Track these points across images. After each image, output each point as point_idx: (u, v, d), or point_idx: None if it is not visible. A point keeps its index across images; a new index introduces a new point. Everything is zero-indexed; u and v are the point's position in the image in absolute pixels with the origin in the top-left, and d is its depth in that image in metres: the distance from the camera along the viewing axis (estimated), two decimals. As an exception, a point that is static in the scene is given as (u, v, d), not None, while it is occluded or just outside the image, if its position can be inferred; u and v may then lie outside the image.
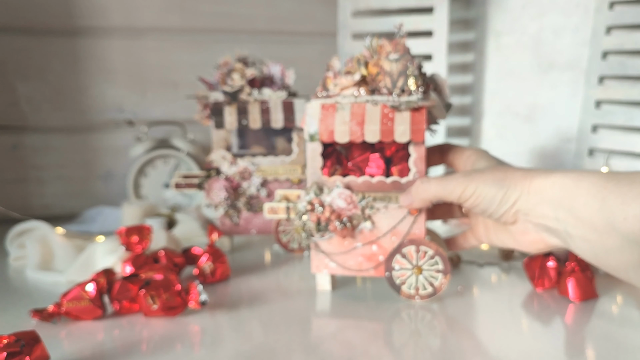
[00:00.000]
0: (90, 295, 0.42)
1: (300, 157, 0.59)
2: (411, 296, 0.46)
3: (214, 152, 0.58)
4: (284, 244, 0.59)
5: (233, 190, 0.58)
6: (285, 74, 0.60)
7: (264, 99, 0.57)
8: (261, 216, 0.59)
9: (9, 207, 0.68)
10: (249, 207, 0.59)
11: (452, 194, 0.41)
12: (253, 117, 0.56)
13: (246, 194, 0.58)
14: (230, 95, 0.56)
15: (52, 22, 0.78)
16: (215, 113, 0.57)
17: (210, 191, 0.59)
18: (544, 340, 0.38)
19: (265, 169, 0.58)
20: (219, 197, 0.58)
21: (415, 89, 0.43)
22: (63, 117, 0.80)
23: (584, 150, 0.72)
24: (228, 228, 0.60)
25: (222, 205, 0.59)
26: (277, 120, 0.57)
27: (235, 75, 0.56)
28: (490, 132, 0.80)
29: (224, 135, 0.58)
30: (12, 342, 0.33)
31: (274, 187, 0.59)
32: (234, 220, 0.59)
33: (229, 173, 0.58)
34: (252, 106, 0.57)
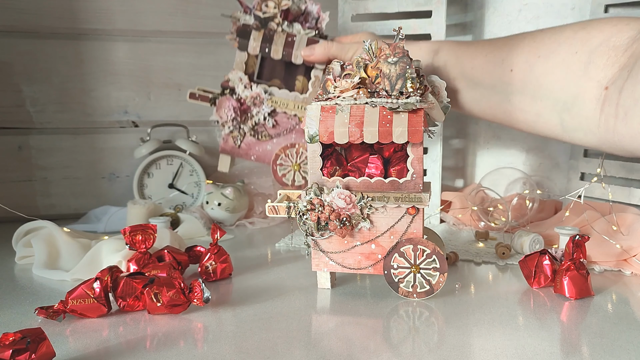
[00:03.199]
0: (95, 293, 0.43)
1: (312, 96, 0.62)
2: (409, 294, 0.47)
3: (232, 71, 0.62)
4: (279, 177, 0.65)
5: (242, 112, 0.61)
6: (321, 14, 0.63)
7: (292, 33, 0.60)
8: (263, 145, 0.63)
9: (15, 207, 0.69)
10: (253, 132, 0.62)
11: (347, 55, 0.60)
12: (276, 48, 0.59)
13: (253, 119, 0.62)
14: (260, 21, 0.59)
15: (58, 25, 0.79)
16: (241, 35, 0.60)
17: (220, 108, 0.62)
18: (539, 338, 0.39)
19: (277, 99, 0.62)
20: (226, 115, 0.61)
21: (413, 92, 0.44)
22: (68, 118, 0.82)
23: (579, 150, 0.73)
24: (229, 148, 0.64)
25: (228, 124, 0.63)
26: (298, 55, 0.61)
27: (271, 3, 0.59)
28: (487, 133, 0.81)
29: (246, 58, 0.61)
30: (18, 339, 0.34)
31: (282, 120, 0.62)
32: (236, 142, 0.64)
33: (242, 95, 0.62)
34: (278, 36, 0.60)
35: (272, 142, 0.65)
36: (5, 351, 0.33)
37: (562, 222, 0.65)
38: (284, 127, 0.64)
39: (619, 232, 0.58)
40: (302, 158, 0.65)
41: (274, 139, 0.64)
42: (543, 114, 0.52)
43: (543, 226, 0.68)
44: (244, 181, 0.81)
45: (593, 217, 0.62)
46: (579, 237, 0.48)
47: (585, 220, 0.62)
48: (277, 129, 0.63)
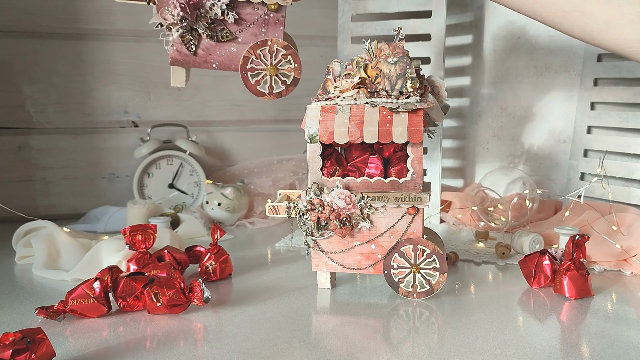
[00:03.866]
0: (95, 293, 0.43)
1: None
2: (409, 294, 0.47)
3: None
4: (253, 86, 0.48)
5: (192, 8, 0.45)
6: None
7: None
8: (226, 47, 0.47)
9: (15, 207, 0.69)
10: (210, 33, 0.47)
11: None
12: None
13: (208, 15, 0.46)
14: None
15: (58, 25, 0.79)
16: None
17: (162, 5, 0.46)
18: (539, 337, 0.39)
19: None
20: (172, 14, 0.45)
21: (413, 91, 0.44)
22: (68, 118, 0.82)
23: (579, 150, 0.73)
24: (182, 57, 0.48)
25: (176, 27, 0.46)
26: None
27: None
28: (487, 134, 0.81)
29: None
30: (18, 339, 0.34)
31: (246, 11, 0.46)
32: (190, 47, 0.47)
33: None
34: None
35: (236, 42, 0.48)
36: (5, 351, 0.33)
37: (562, 222, 0.65)
38: (250, 20, 0.47)
39: (619, 232, 0.58)
40: (279, 58, 0.47)
41: (238, 38, 0.47)
42: (618, 22, 0.35)
43: (543, 226, 0.68)
44: (244, 181, 0.81)
45: (593, 217, 0.62)
46: (579, 237, 0.48)
47: (585, 220, 0.62)
48: (241, 24, 0.47)
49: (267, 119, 0.90)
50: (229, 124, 0.88)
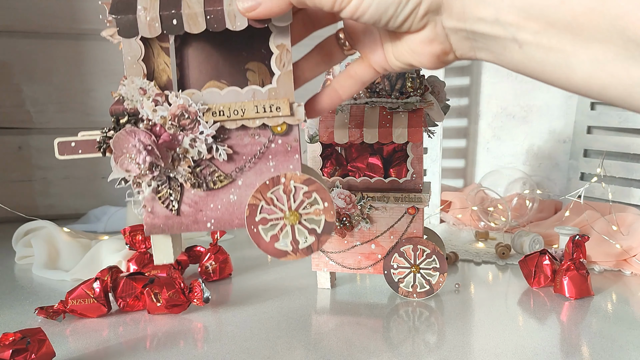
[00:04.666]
0: (95, 293, 0.43)
1: (285, 83, 0.31)
2: (409, 294, 0.47)
3: (124, 82, 0.31)
4: (269, 245, 0.32)
5: (162, 151, 0.31)
6: None
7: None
8: (221, 196, 0.33)
9: (14, 207, 0.69)
10: (196, 180, 0.32)
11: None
12: (191, 12, 0.29)
13: (189, 156, 0.31)
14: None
15: (57, 25, 0.79)
16: (120, 9, 0.30)
17: (119, 156, 0.31)
18: (539, 337, 0.39)
19: (222, 106, 0.31)
20: (136, 163, 0.31)
21: (413, 91, 0.44)
22: (68, 118, 0.82)
23: (579, 150, 0.73)
24: (162, 222, 0.33)
25: (145, 179, 0.32)
26: (234, 13, 0.29)
27: None
28: (487, 134, 0.81)
29: (141, 51, 0.30)
30: (18, 339, 0.34)
31: (240, 142, 0.32)
32: (170, 205, 0.33)
33: (155, 119, 0.31)
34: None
35: (236, 186, 0.32)
36: (5, 351, 0.33)
37: (562, 222, 0.65)
38: (249, 154, 0.32)
39: (619, 232, 0.58)
40: (300, 198, 0.32)
41: (237, 180, 0.32)
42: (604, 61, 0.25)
43: (543, 226, 0.68)
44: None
45: (593, 217, 0.62)
46: (579, 237, 0.48)
47: (585, 220, 0.62)
48: (239, 160, 0.32)
49: (267, 119, 0.90)
50: (229, 124, 0.88)
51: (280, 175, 0.32)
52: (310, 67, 0.33)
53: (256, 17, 0.28)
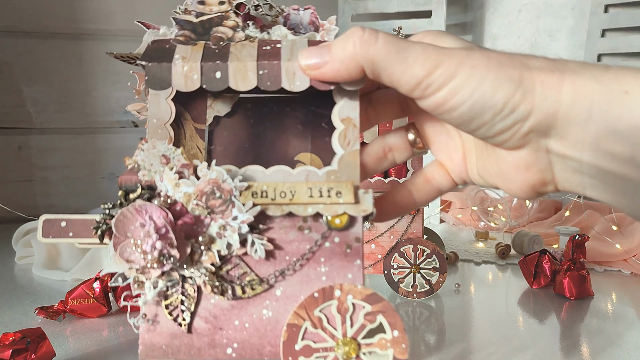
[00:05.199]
0: (95, 293, 0.43)
1: (349, 166, 0.24)
2: (409, 294, 0.47)
3: (141, 147, 0.24)
4: None
5: (181, 236, 0.23)
6: (318, 22, 0.28)
7: (271, 39, 0.25)
8: (251, 310, 0.24)
9: (15, 207, 0.69)
10: (220, 284, 0.24)
11: (408, 72, 0.21)
12: (240, 66, 0.23)
13: (214, 249, 0.23)
14: (191, 27, 0.25)
15: (58, 25, 0.79)
16: (153, 57, 0.25)
17: (120, 241, 0.23)
18: (539, 337, 0.39)
19: (266, 186, 0.23)
20: (142, 253, 0.22)
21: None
22: (68, 118, 0.82)
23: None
24: (164, 343, 0.25)
25: (149, 276, 0.23)
26: (293, 71, 0.23)
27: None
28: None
29: (171, 113, 0.24)
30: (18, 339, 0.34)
31: (285, 237, 0.24)
32: (180, 319, 0.24)
33: (176, 196, 0.23)
34: (241, 46, 0.24)
35: (272, 296, 0.24)
36: (5, 351, 0.33)
37: (562, 222, 0.65)
38: (294, 252, 0.24)
39: (619, 232, 0.58)
40: (360, 322, 0.24)
41: (275, 288, 0.24)
42: None
43: (543, 226, 0.68)
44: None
45: (593, 217, 0.62)
46: (579, 237, 0.48)
47: (585, 220, 0.62)
48: (278, 259, 0.24)
49: (267, 119, 0.90)
50: (229, 124, 0.88)
51: (335, 287, 0.23)
52: (372, 162, 0.26)
53: (320, 78, 0.22)
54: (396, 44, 0.21)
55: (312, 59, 0.22)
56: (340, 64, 0.22)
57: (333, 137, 0.23)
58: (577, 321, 0.42)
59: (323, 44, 0.22)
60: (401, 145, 0.26)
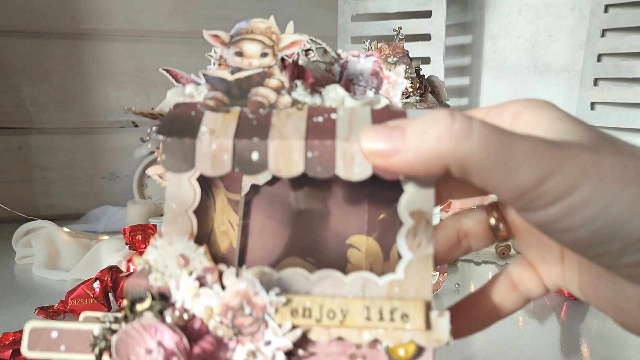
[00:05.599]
0: (95, 293, 0.43)
1: (419, 275, 0.18)
2: (409, 294, 0.46)
3: (154, 241, 0.19)
4: None
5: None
6: (382, 74, 0.22)
7: (323, 106, 0.19)
8: None
9: (14, 207, 0.69)
10: None
11: (510, 179, 0.16)
12: (282, 149, 0.18)
13: None
14: (225, 86, 0.19)
15: (57, 25, 0.79)
16: (171, 130, 0.18)
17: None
18: (539, 337, 0.39)
19: (309, 301, 0.18)
20: None
21: (413, 91, 0.44)
22: (68, 118, 0.82)
23: (580, 151, 0.73)
24: None
25: None
26: (354, 161, 0.17)
27: (252, 46, 0.20)
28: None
29: (194, 191, 0.18)
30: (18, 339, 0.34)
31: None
32: None
33: (195, 310, 0.18)
34: (285, 116, 0.18)
35: None
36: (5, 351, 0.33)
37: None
38: None
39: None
40: None
41: None
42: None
43: (543, 226, 0.68)
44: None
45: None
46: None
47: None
48: None
49: (267, 119, 0.90)
50: (229, 124, 0.88)
51: None
52: (442, 250, 0.21)
53: (388, 168, 0.17)
54: (496, 138, 0.15)
55: (378, 144, 0.16)
56: (417, 157, 0.16)
57: (399, 236, 0.18)
58: (577, 321, 0.42)
59: (395, 124, 0.16)
60: (480, 232, 0.21)
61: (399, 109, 0.18)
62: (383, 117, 0.18)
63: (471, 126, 0.15)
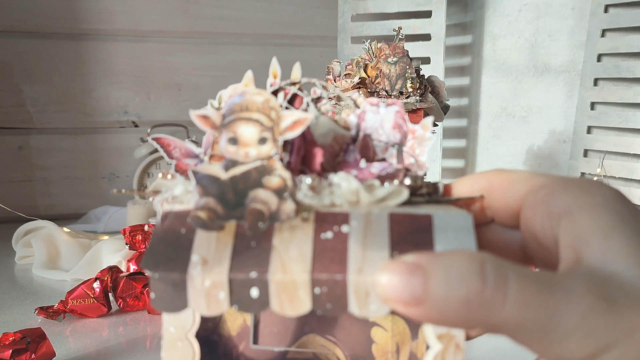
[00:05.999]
0: (95, 293, 0.43)
1: None
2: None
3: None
4: None
5: None
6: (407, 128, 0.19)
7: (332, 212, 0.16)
8: None
9: (15, 207, 0.69)
10: None
11: (555, 350, 0.14)
12: (285, 285, 0.15)
13: None
14: (218, 189, 0.17)
15: (58, 25, 0.79)
16: (157, 260, 0.16)
17: None
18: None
19: None
20: None
21: (413, 91, 0.44)
22: (68, 118, 0.82)
23: (579, 151, 0.73)
24: None
25: None
26: (369, 298, 0.15)
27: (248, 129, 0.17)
28: (487, 134, 0.81)
29: (193, 317, 0.16)
30: (18, 339, 0.34)
31: None
32: None
33: None
34: (288, 234, 0.16)
35: None
36: (5, 351, 0.33)
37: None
38: None
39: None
40: None
41: None
42: None
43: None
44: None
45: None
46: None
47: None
48: None
49: (267, 119, 0.90)
50: (229, 124, 0.88)
51: None
52: None
53: (408, 317, 0.14)
54: (538, 305, 0.13)
55: (396, 291, 0.14)
56: (440, 316, 0.14)
57: (427, 356, 0.15)
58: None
59: (415, 263, 0.14)
60: None
61: (422, 213, 0.16)
62: (403, 226, 0.15)
63: (506, 290, 0.13)
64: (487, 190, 0.17)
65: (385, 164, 0.18)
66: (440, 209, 0.16)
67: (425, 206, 0.17)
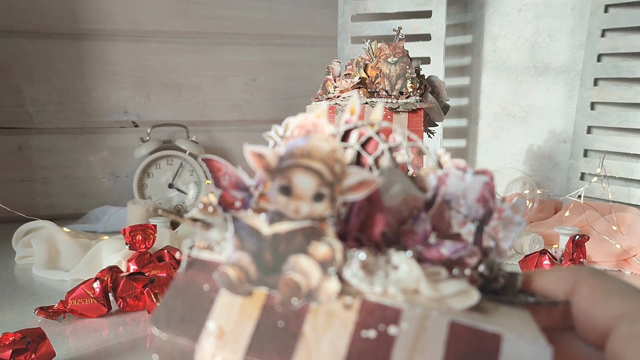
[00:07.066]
0: (95, 293, 0.43)
1: None
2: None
3: None
4: None
5: None
6: (494, 204, 0.16)
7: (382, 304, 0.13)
8: None
9: (15, 207, 0.69)
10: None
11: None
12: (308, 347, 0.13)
13: None
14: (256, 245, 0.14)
15: (58, 25, 0.79)
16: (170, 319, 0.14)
17: None
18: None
19: None
20: None
21: (413, 91, 0.44)
22: (68, 118, 0.82)
23: (579, 150, 0.73)
24: None
25: None
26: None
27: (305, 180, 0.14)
28: (487, 133, 0.81)
29: None
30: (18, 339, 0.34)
31: None
32: None
33: None
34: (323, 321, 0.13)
35: None
36: (5, 351, 0.33)
37: (562, 222, 0.65)
38: None
39: (619, 232, 0.58)
40: None
41: None
42: None
43: (543, 226, 0.68)
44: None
45: (593, 217, 0.62)
46: (579, 237, 0.48)
47: (585, 220, 0.62)
48: None
49: (267, 119, 0.90)
50: (229, 124, 0.88)
51: None
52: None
53: None
54: None
55: None
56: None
57: None
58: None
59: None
60: None
61: (490, 330, 0.12)
62: (464, 344, 0.12)
63: None
64: (573, 294, 0.15)
65: (459, 245, 0.15)
66: (513, 324, 0.13)
67: (495, 314, 0.13)
